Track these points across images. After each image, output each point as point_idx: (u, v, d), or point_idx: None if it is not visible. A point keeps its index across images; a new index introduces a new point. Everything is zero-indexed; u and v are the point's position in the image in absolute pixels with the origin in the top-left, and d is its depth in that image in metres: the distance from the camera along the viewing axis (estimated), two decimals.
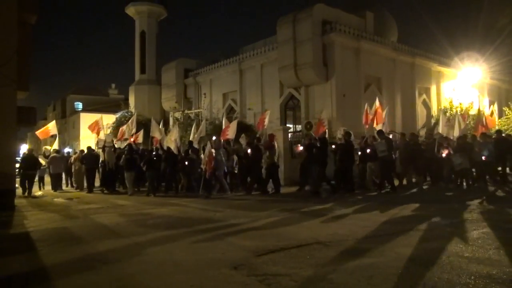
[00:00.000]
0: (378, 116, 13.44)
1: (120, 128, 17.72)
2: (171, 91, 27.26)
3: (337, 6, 19.65)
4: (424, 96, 22.99)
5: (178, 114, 22.59)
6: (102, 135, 17.07)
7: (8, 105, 9.81)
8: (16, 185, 12.32)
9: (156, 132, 15.43)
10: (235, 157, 13.31)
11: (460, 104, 21.35)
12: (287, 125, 19.25)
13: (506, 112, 21.65)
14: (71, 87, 47.34)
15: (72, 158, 17.19)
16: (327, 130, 14.40)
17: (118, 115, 26.18)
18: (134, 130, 16.07)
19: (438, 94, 23.76)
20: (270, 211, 8.45)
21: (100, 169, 15.69)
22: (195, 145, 13.95)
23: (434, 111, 22.62)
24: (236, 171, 13.48)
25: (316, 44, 18.01)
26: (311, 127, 18.44)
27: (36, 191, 15.59)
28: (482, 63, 23.55)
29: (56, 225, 7.54)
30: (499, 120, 21.24)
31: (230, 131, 13.90)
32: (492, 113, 25.24)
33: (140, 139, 15.98)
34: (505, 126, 19.51)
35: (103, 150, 15.49)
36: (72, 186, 17.46)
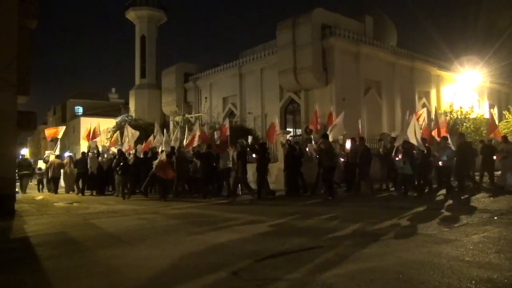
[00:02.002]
0: (330, 120, 13.82)
1: (115, 134, 18.59)
2: (171, 95, 27.32)
3: (336, 11, 19.74)
4: (424, 100, 23.02)
5: (178, 118, 22.66)
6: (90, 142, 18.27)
7: (8, 110, 9.79)
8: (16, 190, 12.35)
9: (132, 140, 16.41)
10: (198, 162, 13.39)
11: (461, 108, 21.37)
12: (287, 129, 19.26)
13: (506, 116, 21.68)
14: (71, 92, 47.47)
15: (65, 162, 17.53)
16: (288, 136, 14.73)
17: (118, 119, 26.26)
18: (130, 144, 16.65)
19: (438, 98, 23.80)
20: (266, 213, 8.44)
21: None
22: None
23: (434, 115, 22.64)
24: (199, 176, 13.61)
25: (315, 48, 18.06)
26: (311, 132, 18.41)
27: (37, 195, 15.68)
28: (482, 67, 23.61)
29: (57, 230, 7.54)
30: (500, 124, 21.21)
31: (198, 139, 14.42)
32: (491, 117, 25.27)
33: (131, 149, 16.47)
34: (505, 130, 19.51)
35: (87, 155, 16.27)
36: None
